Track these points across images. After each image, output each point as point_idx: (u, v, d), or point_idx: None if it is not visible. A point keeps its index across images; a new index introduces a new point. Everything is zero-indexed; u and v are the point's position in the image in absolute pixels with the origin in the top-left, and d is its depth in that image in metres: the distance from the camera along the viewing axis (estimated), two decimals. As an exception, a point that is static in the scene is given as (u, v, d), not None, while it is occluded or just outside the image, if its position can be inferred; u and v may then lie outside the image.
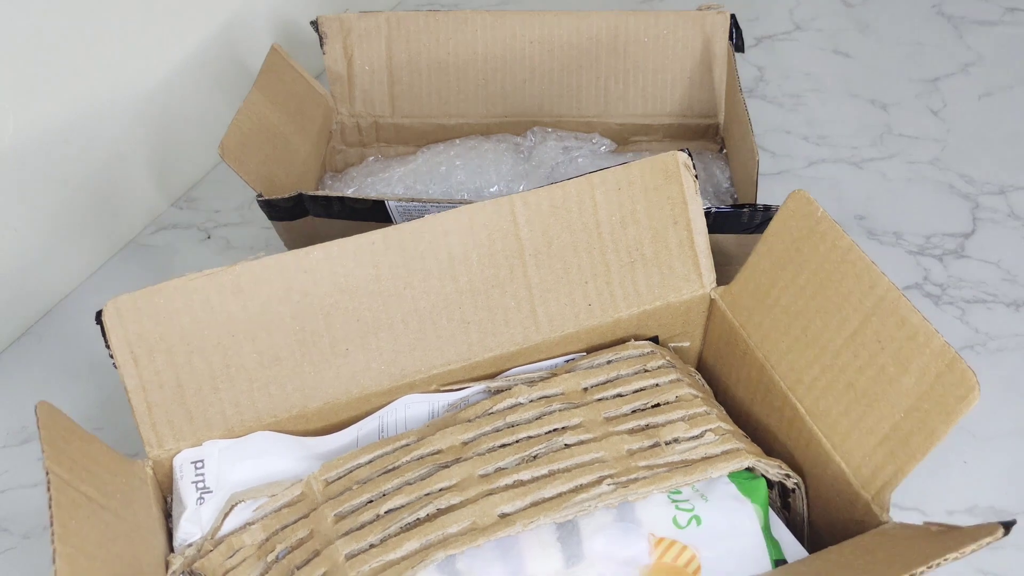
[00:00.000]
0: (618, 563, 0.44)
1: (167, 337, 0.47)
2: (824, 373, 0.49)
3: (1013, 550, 0.57)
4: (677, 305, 0.55)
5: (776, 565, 0.46)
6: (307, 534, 0.46)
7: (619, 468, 0.47)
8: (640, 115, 0.78)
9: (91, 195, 0.73)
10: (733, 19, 0.75)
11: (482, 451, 0.48)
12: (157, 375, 0.47)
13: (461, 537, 0.44)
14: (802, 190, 0.51)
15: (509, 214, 0.51)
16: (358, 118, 0.79)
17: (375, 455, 0.49)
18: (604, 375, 0.53)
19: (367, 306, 0.50)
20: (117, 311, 0.46)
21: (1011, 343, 0.69)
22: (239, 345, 0.48)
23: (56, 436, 0.41)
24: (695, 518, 0.46)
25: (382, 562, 0.44)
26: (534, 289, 0.52)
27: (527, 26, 0.75)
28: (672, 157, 0.54)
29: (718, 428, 0.49)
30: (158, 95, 0.77)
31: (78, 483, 0.40)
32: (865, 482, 0.47)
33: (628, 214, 0.53)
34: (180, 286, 0.46)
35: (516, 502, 0.45)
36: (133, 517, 0.43)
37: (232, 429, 0.49)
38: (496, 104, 0.78)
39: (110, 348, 0.46)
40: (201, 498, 0.47)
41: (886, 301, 0.47)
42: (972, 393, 0.43)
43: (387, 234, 0.50)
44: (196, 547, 0.46)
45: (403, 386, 0.51)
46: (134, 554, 0.42)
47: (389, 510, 0.46)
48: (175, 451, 0.48)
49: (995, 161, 0.85)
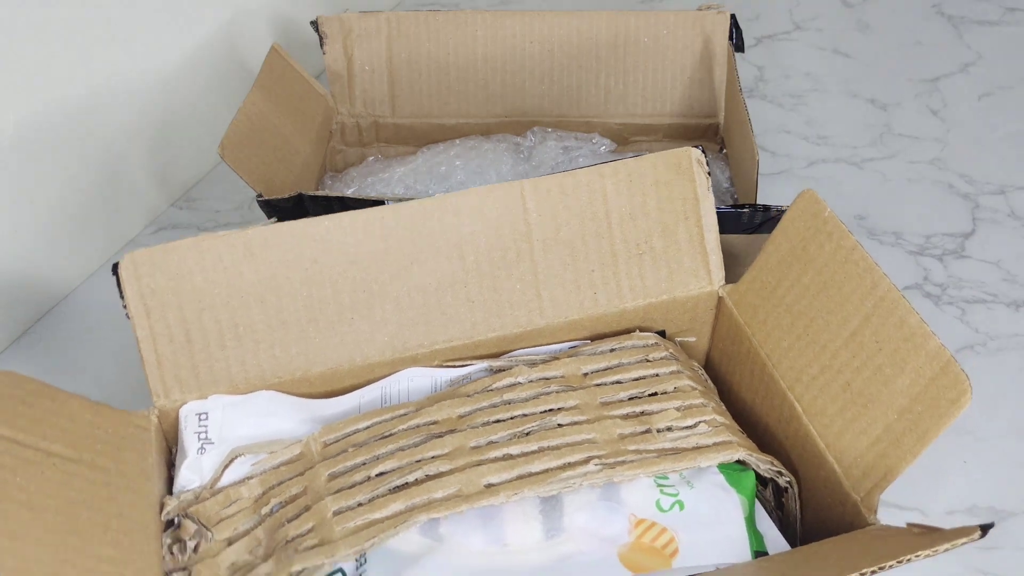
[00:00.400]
0: (597, 539, 0.45)
1: (179, 293, 0.49)
2: (823, 372, 0.49)
3: (1013, 550, 0.57)
4: (684, 300, 0.56)
5: (756, 557, 0.46)
6: (301, 491, 0.48)
7: (608, 450, 0.47)
8: (640, 115, 0.79)
9: (91, 195, 0.73)
10: (733, 19, 0.76)
11: (476, 424, 0.49)
12: (168, 329, 0.49)
13: (446, 502, 0.45)
14: (811, 190, 0.51)
15: (519, 198, 0.52)
16: (358, 118, 0.79)
17: (374, 421, 0.50)
18: (605, 362, 0.53)
19: (374, 278, 0.51)
20: (133, 264, 0.48)
21: (1011, 343, 0.69)
22: (248, 306, 0.50)
23: (13, 400, 0.42)
24: (678, 503, 0.46)
25: (367, 520, 0.45)
26: (540, 274, 0.53)
27: (527, 26, 0.76)
28: (685, 153, 0.54)
29: (712, 420, 0.50)
30: (158, 95, 0.77)
31: (36, 441, 0.42)
32: (855, 483, 0.47)
33: (638, 207, 0.54)
34: (194, 245, 0.48)
35: (503, 474, 0.46)
36: (118, 466, 0.45)
37: (237, 386, 0.50)
38: (496, 104, 0.78)
39: (124, 299, 0.48)
40: (202, 448, 0.49)
41: (886, 302, 0.47)
42: (964, 396, 0.43)
43: (398, 209, 0.51)
44: (194, 494, 0.48)
45: (406, 359, 0.52)
46: (112, 498, 0.43)
47: (380, 473, 0.47)
48: (181, 403, 0.49)
49: (995, 161, 0.86)
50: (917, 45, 1.00)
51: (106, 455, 0.44)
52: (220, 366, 0.50)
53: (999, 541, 0.57)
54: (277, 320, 0.50)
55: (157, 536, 0.45)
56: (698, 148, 0.55)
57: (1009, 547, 0.57)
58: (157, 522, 0.46)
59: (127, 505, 0.44)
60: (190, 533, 0.46)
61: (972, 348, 0.69)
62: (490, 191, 0.52)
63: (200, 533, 0.46)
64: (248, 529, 0.47)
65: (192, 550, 0.45)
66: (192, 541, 0.45)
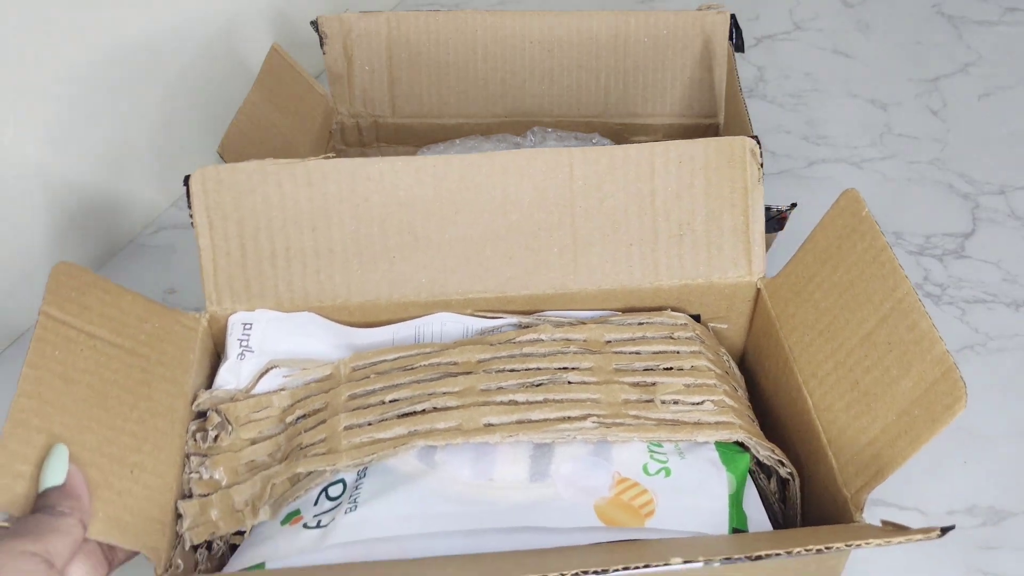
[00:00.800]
0: (577, 489, 0.46)
1: (240, 210, 0.53)
2: (836, 369, 0.50)
3: (1013, 550, 0.56)
4: (722, 287, 0.56)
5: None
6: (322, 406, 0.51)
7: (609, 412, 0.49)
8: (640, 115, 0.78)
9: (91, 195, 0.73)
10: (733, 19, 0.75)
11: (491, 371, 0.52)
12: (226, 242, 0.53)
13: (445, 433, 0.48)
14: (854, 189, 0.52)
15: (567, 165, 0.55)
16: (358, 118, 0.79)
17: (400, 355, 0.54)
18: (630, 333, 0.55)
19: (420, 222, 0.54)
20: (203, 179, 0.53)
21: (1011, 343, 0.69)
22: (300, 231, 0.54)
23: (67, 287, 0.46)
24: (665, 469, 0.47)
25: (372, 439, 0.48)
26: (579, 240, 0.55)
27: (527, 26, 0.75)
28: (740, 142, 0.55)
29: (720, 401, 0.51)
30: (158, 95, 0.77)
31: (82, 324, 0.46)
32: (848, 480, 0.47)
33: (685, 188, 0.55)
34: (259, 168, 0.53)
35: (503, 417, 0.49)
36: (159, 356, 0.49)
37: (282, 304, 0.54)
38: (496, 104, 0.78)
39: (191, 211, 0.53)
40: (242, 354, 0.53)
41: (903, 304, 0.47)
42: (959, 403, 0.43)
43: (450, 160, 0.54)
44: (229, 394, 0.52)
45: (440, 303, 0.55)
46: (145, 383, 0.48)
47: (393, 399, 0.50)
48: (231, 311, 0.54)
49: (995, 161, 0.84)
50: (917, 45, 0.99)
51: (149, 345, 0.49)
52: (269, 283, 0.54)
53: (999, 541, 0.57)
54: (325, 248, 0.54)
55: (184, 423, 0.50)
56: (754, 138, 0.56)
57: (1009, 547, 0.56)
58: (187, 411, 0.50)
59: (159, 391, 0.48)
60: (213, 424, 0.50)
61: (972, 348, 0.68)
62: (539, 154, 0.54)
63: (222, 426, 0.50)
64: (272, 434, 0.51)
65: (212, 439, 0.49)
66: (213, 432, 0.50)
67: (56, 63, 0.67)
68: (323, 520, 0.46)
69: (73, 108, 0.70)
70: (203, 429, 0.50)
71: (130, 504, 0.43)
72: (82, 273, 0.48)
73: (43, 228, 0.70)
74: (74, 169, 0.71)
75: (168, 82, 0.78)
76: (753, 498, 0.49)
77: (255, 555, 0.45)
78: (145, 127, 0.77)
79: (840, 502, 0.48)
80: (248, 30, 0.85)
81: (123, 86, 0.73)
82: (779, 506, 0.52)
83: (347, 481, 0.48)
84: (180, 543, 0.46)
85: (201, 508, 0.47)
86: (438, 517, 0.45)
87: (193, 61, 0.80)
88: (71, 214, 0.72)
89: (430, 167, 0.54)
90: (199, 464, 0.49)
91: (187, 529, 0.47)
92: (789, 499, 0.52)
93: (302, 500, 0.47)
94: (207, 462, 0.49)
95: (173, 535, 0.46)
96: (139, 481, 0.44)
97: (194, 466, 0.49)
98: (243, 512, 0.47)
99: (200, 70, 0.80)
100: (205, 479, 0.48)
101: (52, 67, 0.67)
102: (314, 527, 0.46)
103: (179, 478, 0.48)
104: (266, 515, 0.47)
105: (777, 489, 0.53)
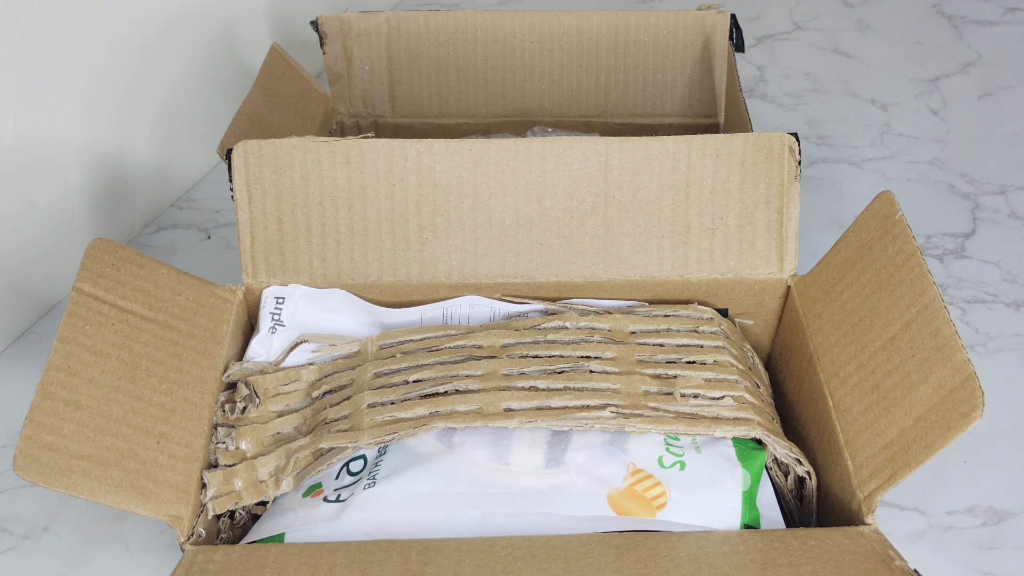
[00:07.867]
0: (591, 478, 0.47)
1: (279, 186, 0.54)
2: (858, 371, 0.50)
3: (1013, 550, 0.56)
4: (751, 283, 0.56)
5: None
6: (348, 383, 0.53)
7: (628, 402, 0.49)
8: (640, 115, 0.78)
9: (91, 195, 0.73)
10: (733, 19, 0.74)
11: (515, 356, 0.52)
12: (264, 216, 0.55)
13: (465, 416, 0.49)
14: (889, 191, 0.51)
15: (603, 155, 0.55)
16: (358, 118, 0.80)
17: (426, 336, 0.55)
18: (654, 325, 0.55)
19: (454, 205, 0.55)
20: (244, 153, 0.54)
21: (1011, 343, 0.68)
22: (336, 209, 0.55)
23: (101, 263, 0.47)
24: (680, 463, 0.48)
25: (394, 417, 0.49)
26: (611, 230, 0.56)
27: (527, 26, 0.75)
28: (779, 138, 0.55)
29: (741, 397, 0.51)
30: (158, 95, 0.77)
31: (115, 299, 0.47)
32: (863, 482, 0.47)
33: (720, 183, 0.55)
34: (299, 145, 0.54)
35: (523, 402, 0.49)
36: (191, 328, 0.51)
37: (316, 280, 0.56)
38: (496, 104, 0.78)
39: (232, 184, 0.54)
40: (274, 328, 0.55)
41: (929, 310, 0.46)
42: (976, 411, 0.43)
43: (486, 144, 0.55)
44: (259, 367, 0.54)
45: (469, 285, 0.56)
46: (176, 355, 0.49)
47: (417, 380, 0.51)
48: (266, 285, 0.56)
49: (995, 161, 0.84)
50: (917, 45, 0.98)
51: (182, 319, 0.51)
52: (304, 259, 0.55)
53: (999, 541, 0.57)
54: (360, 227, 0.55)
55: (213, 394, 0.51)
56: (793, 135, 0.55)
57: (1009, 547, 0.56)
58: (217, 382, 0.52)
59: (189, 363, 0.50)
60: (242, 396, 0.51)
61: (972, 348, 0.68)
62: (576, 142, 0.55)
63: (250, 398, 0.51)
64: (299, 408, 0.53)
65: (240, 411, 0.51)
66: (242, 403, 0.51)
67: (56, 63, 0.68)
68: (343, 494, 0.47)
69: (73, 107, 0.70)
70: (232, 400, 0.52)
71: (154, 473, 0.45)
72: (118, 248, 0.49)
73: (43, 228, 0.70)
74: (74, 166, 0.72)
75: (168, 82, 0.78)
76: (768, 495, 0.49)
77: (275, 525, 0.47)
78: (145, 127, 0.77)
79: (854, 504, 0.48)
80: (248, 30, 0.86)
81: (123, 86, 0.74)
82: (795, 504, 0.53)
83: (368, 457, 0.49)
84: (203, 512, 0.48)
85: (225, 478, 0.49)
86: (453, 497, 0.46)
87: (193, 61, 0.80)
88: (70, 212, 0.72)
89: (467, 151, 0.55)
90: (226, 435, 0.50)
91: (211, 499, 0.48)
92: (805, 497, 0.52)
93: (324, 474, 0.49)
94: (234, 433, 0.50)
95: (197, 504, 0.48)
96: (165, 451, 0.46)
97: (221, 436, 0.50)
98: (266, 483, 0.49)
99: (200, 70, 0.81)
100: (231, 450, 0.50)
101: (52, 67, 0.68)
102: (334, 500, 0.47)
103: (206, 448, 0.49)
104: (288, 487, 0.49)
105: (794, 487, 0.53)
